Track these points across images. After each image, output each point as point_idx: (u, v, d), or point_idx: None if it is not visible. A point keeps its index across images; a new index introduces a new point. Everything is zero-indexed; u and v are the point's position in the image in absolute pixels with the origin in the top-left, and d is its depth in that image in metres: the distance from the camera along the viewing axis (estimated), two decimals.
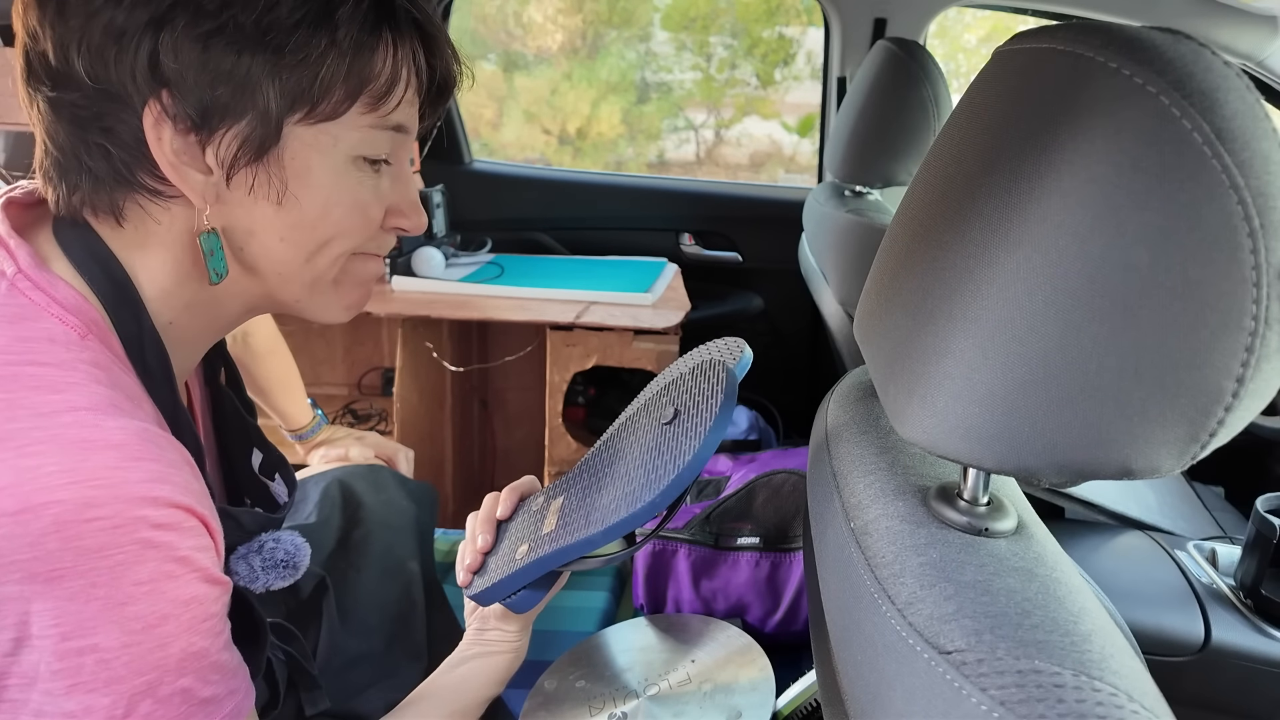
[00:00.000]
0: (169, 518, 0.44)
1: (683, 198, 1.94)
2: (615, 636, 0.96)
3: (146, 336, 0.51)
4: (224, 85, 0.47)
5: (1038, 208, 0.36)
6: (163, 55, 0.45)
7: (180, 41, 0.45)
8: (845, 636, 0.46)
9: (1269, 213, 0.33)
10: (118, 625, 0.42)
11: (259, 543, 0.61)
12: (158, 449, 0.45)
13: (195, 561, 0.46)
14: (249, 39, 0.46)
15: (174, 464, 0.46)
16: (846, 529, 0.48)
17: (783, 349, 2.00)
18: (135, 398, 0.48)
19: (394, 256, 1.68)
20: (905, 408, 0.43)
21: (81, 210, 0.50)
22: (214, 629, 0.48)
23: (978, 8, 1.80)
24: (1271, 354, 0.35)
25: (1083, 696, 0.33)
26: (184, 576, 0.45)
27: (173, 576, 0.44)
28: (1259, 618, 0.92)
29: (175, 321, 0.54)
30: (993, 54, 0.44)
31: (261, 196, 0.51)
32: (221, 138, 0.48)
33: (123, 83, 0.46)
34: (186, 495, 0.46)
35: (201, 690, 0.46)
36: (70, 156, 0.48)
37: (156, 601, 0.44)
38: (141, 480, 0.43)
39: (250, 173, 0.50)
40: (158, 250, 0.52)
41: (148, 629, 0.43)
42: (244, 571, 0.60)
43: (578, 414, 1.80)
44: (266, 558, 0.61)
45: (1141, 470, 0.37)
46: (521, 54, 2.76)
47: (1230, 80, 0.34)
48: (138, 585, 0.43)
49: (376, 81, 0.51)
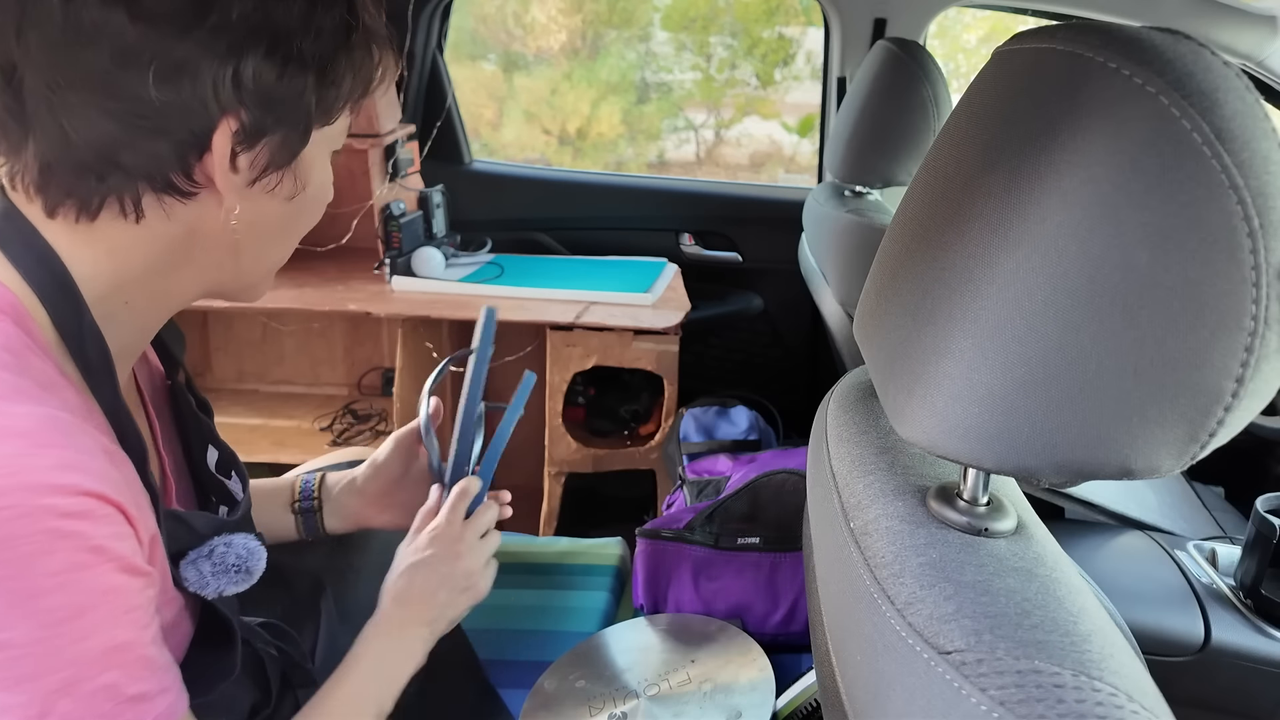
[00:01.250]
0: (79, 505, 0.43)
1: (683, 198, 1.94)
2: (615, 636, 0.96)
3: (87, 331, 0.51)
4: (285, 103, 0.52)
5: (1037, 208, 0.36)
6: (243, 77, 0.49)
7: (260, 65, 0.50)
8: (845, 637, 0.46)
9: (1269, 213, 0.33)
10: (30, 619, 0.41)
11: (209, 547, 0.59)
12: (66, 435, 0.45)
13: (112, 550, 0.45)
14: (307, 63, 0.52)
15: (85, 450, 0.45)
16: (846, 529, 0.48)
17: (783, 349, 2.00)
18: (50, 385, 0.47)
19: (394, 257, 1.68)
20: (905, 408, 0.43)
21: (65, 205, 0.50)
22: (139, 621, 0.47)
23: (978, 8, 1.80)
24: (1271, 354, 0.35)
25: (1083, 696, 0.33)
26: (99, 566, 0.44)
27: (87, 567, 0.43)
28: (1259, 618, 0.92)
29: (132, 303, 0.55)
30: (993, 54, 0.44)
31: (279, 194, 0.56)
32: (262, 146, 0.53)
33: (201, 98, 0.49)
34: (100, 482, 0.45)
35: (128, 686, 0.45)
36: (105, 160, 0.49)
37: (71, 593, 0.43)
38: (48, 467, 0.43)
39: (277, 175, 0.55)
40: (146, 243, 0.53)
41: (63, 622, 0.42)
42: (193, 577, 0.58)
43: (578, 414, 1.80)
44: (217, 562, 0.59)
45: (1141, 470, 0.37)
46: (521, 54, 2.76)
47: (1230, 80, 0.34)
48: (49, 576, 0.42)
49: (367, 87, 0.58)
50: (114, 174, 0.49)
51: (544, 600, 1.08)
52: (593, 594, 1.10)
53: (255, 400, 1.90)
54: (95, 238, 0.52)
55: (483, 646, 0.96)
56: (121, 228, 0.52)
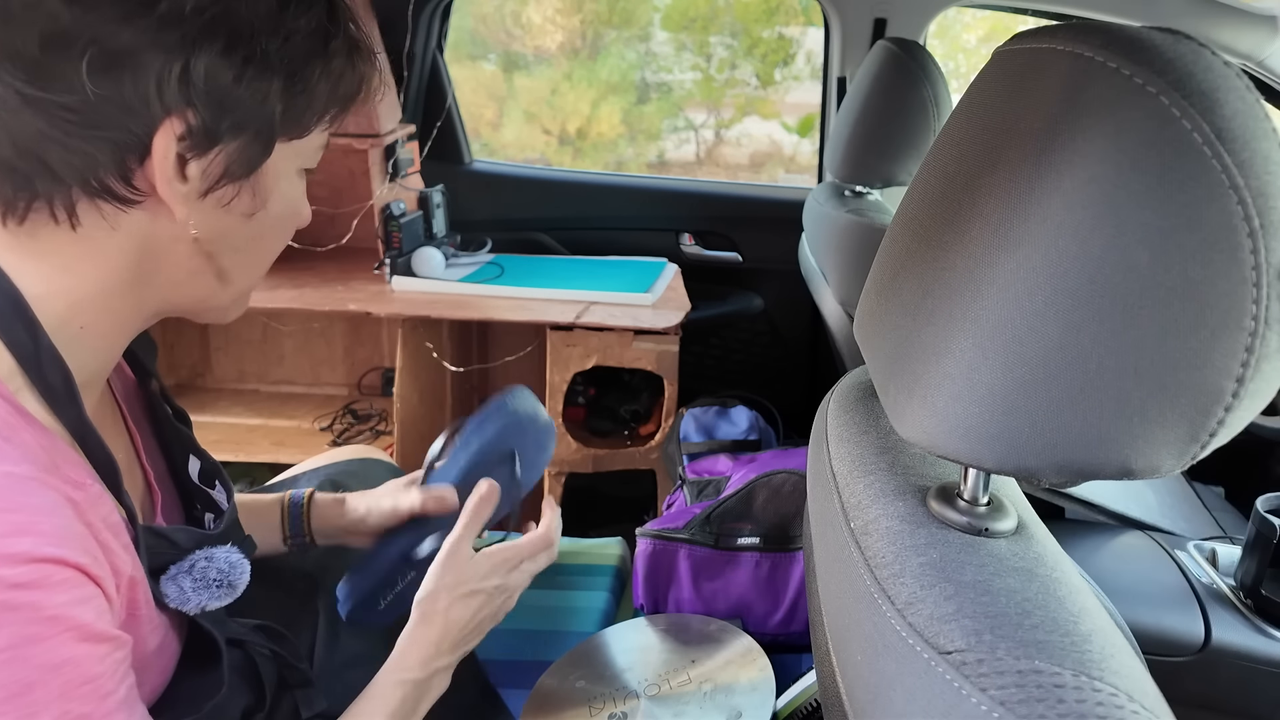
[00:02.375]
0: (32, 575, 0.41)
1: (683, 198, 1.94)
2: (615, 636, 0.96)
3: (44, 354, 0.47)
4: (244, 109, 0.48)
5: (1038, 208, 0.36)
6: (193, 75, 0.45)
7: (215, 64, 0.46)
8: (845, 636, 0.46)
9: (1269, 213, 0.33)
10: None
11: (190, 562, 0.57)
12: (21, 496, 0.42)
13: (68, 619, 0.42)
14: (272, 67, 0.48)
15: (41, 510, 0.43)
16: (846, 529, 0.47)
17: (783, 349, 2.00)
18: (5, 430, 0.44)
19: (394, 257, 1.68)
20: (905, 408, 0.43)
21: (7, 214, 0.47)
22: (99, 690, 0.44)
23: (978, 8, 1.80)
24: (1271, 354, 0.35)
25: (1083, 696, 0.33)
26: (53, 639, 0.41)
27: (39, 640, 0.41)
28: (1259, 618, 0.92)
29: (89, 326, 0.50)
30: (993, 54, 0.44)
31: (235, 209, 0.52)
32: (216, 154, 0.49)
33: (142, 95, 0.45)
34: (57, 545, 0.42)
35: None
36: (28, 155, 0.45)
37: (19, 668, 0.40)
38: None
39: (233, 188, 0.51)
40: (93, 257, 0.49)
41: (11, 698, 0.40)
42: (174, 593, 0.56)
43: (578, 414, 1.80)
44: (198, 577, 0.57)
45: (1141, 470, 0.37)
46: (521, 54, 2.76)
47: (1230, 80, 0.34)
48: None
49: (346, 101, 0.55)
50: (42, 175, 0.45)
51: (544, 600, 1.08)
52: (593, 594, 1.10)
53: (255, 400, 1.90)
54: (40, 251, 0.48)
55: (483, 646, 0.96)
56: (64, 239, 0.47)
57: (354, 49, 0.54)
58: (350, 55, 0.53)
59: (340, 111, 0.55)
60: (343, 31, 0.52)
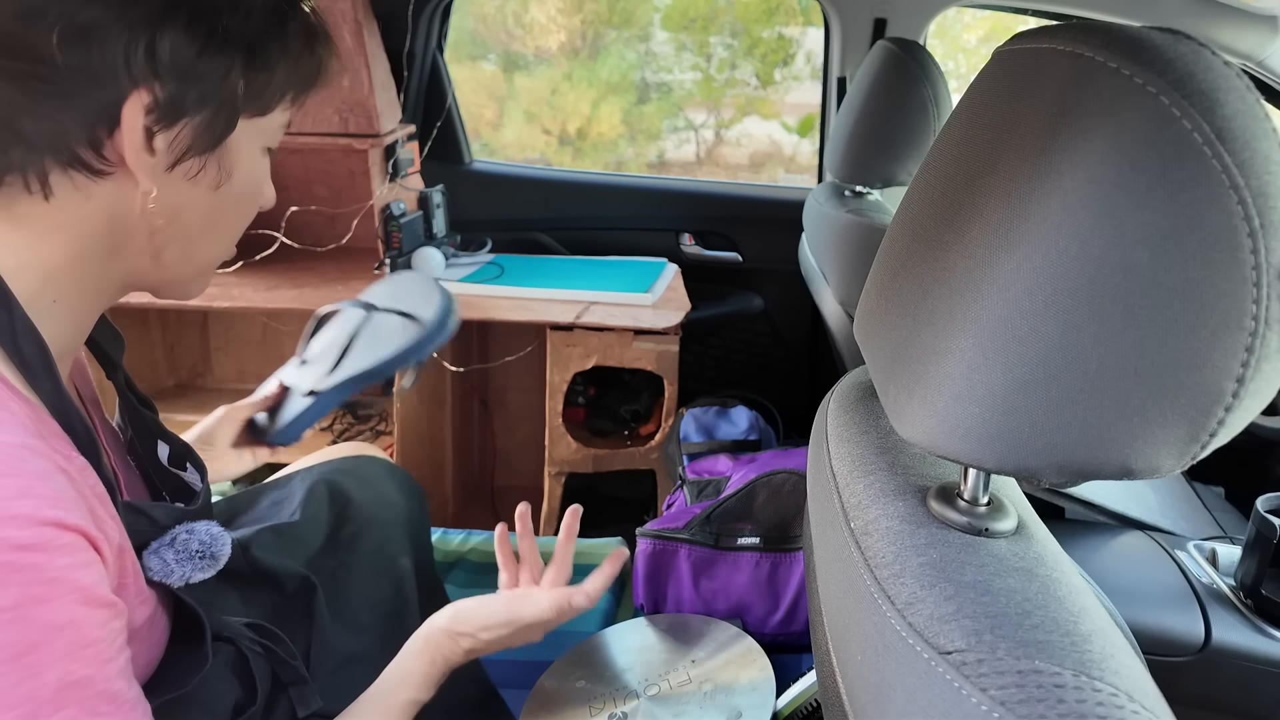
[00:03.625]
0: (36, 536, 0.42)
1: (683, 198, 1.94)
2: (615, 636, 0.96)
3: (19, 325, 0.49)
4: (206, 83, 0.50)
5: (1038, 208, 0.36)
6: (159, 49, 0.48)
7: (178, 39, 0.48)
8: (845, 637, 0.46)
9: (1269, 213, 0.33)
10: None
11: (170, 536, 0.59)
12: (19, 461, 0.43)
13: (71, 582, 0.43)
14: (232, 43, 0.51)
15: (40, 474, 0.44)
16: (846, 529, 0.47)
17: (783, 349, 2.00)
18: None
19: (394, 257, 1.68)
20: (905, 408, 0.43)
21: None
22: (100, 655, 0.45)
23: (978, 8, 1.80)
24: (1271, 354, 0.35)
25: (1083, 697, 0.33)
26: (57, 600, 0.42)
27: (42, 600, 0.42)
28: (1259, 618, 0.92)
29: (61, 300, 0.52)
30: (993, 54, 0.44)
31: (201, 182, 0.54)
32: (182, 127, 0.51)
33: (110, 67, 0.47)
34: (58, 508, 0.43)
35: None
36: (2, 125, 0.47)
37: (23, 628, 0.41)
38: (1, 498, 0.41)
39: (199, 161, 0.53)
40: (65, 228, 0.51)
41: (15, 658, 0.41)
42: (157, 566, 0.58)
43: (578, 414, 1.80)
44: (180, 550, 0.59)
45: (1141, 470, 0.37)
46: (521, 54, 2.76)
47: (1230, 80, 0.34)
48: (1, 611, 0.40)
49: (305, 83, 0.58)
50: (15, 144, 0.47)
51: None
52: None
53: None
54: (13, 222, 0.49)
55: None
56: (38, 209, 0.49)
57: (312, 33, 0.57)
58: (308, 38, 0.56)
59: (300, 93, 0.58)
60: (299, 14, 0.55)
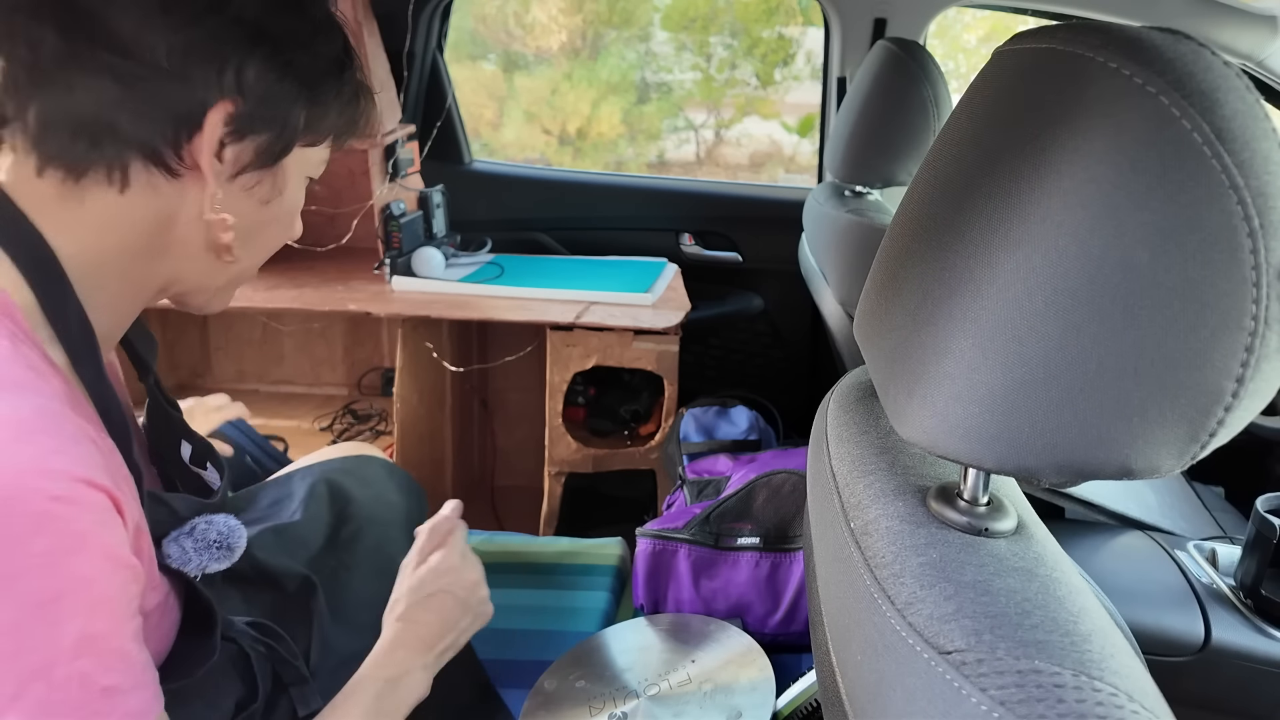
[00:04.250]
0: (68, 490, 0.44)
1: (683, 198, 1.94)
2: (615, 636, 0.96)
3: (71, 307, 0.53)
4: (276, 107, 0.56)
5: (1038, 208, 0.36)
6: (245, 71, 0.53)
7: (262, 65, 0.54)
8: (845, 636, 0.46)
9: (1269, 213, 0.33)
10: (7, 600, 0.41)
11: (190, 525, 0.61)
12: (55, 424, 0.46)
13: (96, 538, 0.45)
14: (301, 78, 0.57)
15: (73, 438, 0.46)
16: (846, 529, 0.48)
17: (783, 349, 2.00)
18: (39, 372, 0.49)
19: (394, 257, 1.68)
20: (905, 408, 0.43)
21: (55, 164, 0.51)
22: (117, 613, 0.46)
23: (978, 8, 1.80)
24: (1271, 354, 0.35)
25: (1083, 696, 0.33)
26: (82, 553, 0.44)
27: (71, 551, 0.44)
28: (1259, 618, 0.92)
29: (106, 290, 0.56)
30: (993, 54, 0.44)
31: (255, 194, 0.59)
32: (249, 143, 0.56)
33: (205, 80, 0.52)
34: (88, 468, 0.45)
35: (101, 678, 0.45)
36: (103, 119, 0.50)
37: (50, 577, 0.43)
38: (38, 453, 0.43)
39: (257, 175, 0.58)
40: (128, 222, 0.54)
41: (40, 605, 0.42)
42: (176, 554, 0.60)
43: (578, 414, 1.79)
44: (199, 539, 0.61)
45: (1141, 470, 0.37)
46: (521, 54, 2.76)
47: (1230, 80, 0.34)
48: (31, 558, 0.42)
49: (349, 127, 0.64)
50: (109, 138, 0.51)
51: (544, 600, 1.08)
52: (593, 594, 1.10)
53: (255, 400, 1.90)
54: (83, 211, 0.53)
55: (483, 646, 0.96)
56: (109, 200, 0.53)
57: (361, 87, 0.63)
58: (357, 89, 0.63)
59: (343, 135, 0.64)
60: (355, 66, 0.62)
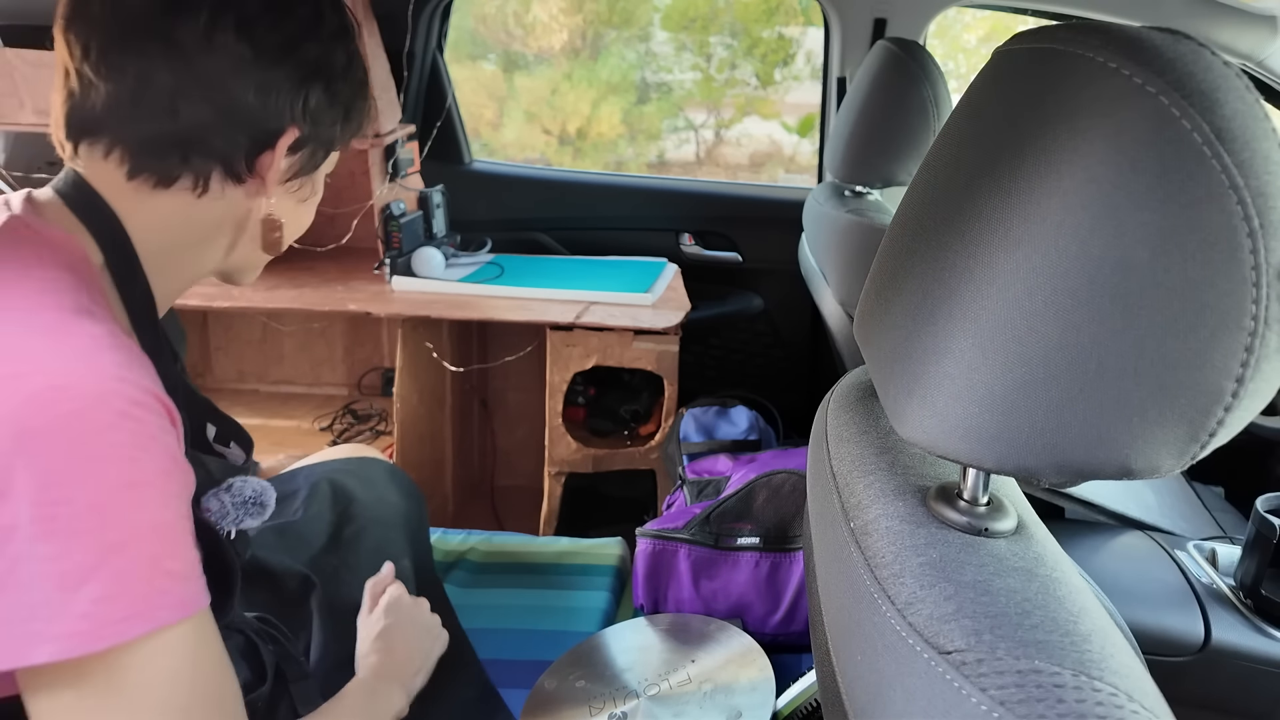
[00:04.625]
0: (142, 396, 0.49)
1: (683, 198, 1.94)
2: (615, 636, 0.96)
3: (139, 285, 0.61)
4: (325, 127, 0.66)
5: (1037, 208, 0.36)
6: (309, 101, 0.63)
7: (320, 96, 0.64)
8: (845, 636, 0.46)
9: (1269, 213, 0.33)
10: (94, 480, 0.46)
11: (226, 484, 0.66)
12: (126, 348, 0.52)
13: (164, 442, 0.50)
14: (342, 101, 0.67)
15: (141, 362, 0.52)
16: (846, 529, 0.48)
17: (783, 349, 2.00)
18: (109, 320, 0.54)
19: (394, 257, 1.68)
20: (905, 408, 0.43)
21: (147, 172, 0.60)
22: (180, 509, 0.51)
23: (978, 8, 1.80)
24: (1271, 354, 0.35)
25: (1083, 696, 0.33)
26: (155, 450, 0.49)
27: (145, 448, 0.49)
28: (1259, 618, 0.92)
29: (163, 269, 0.64)
30: (993, 54, 0.44)
31: (297, 195, 0.69)
32: (299, 156, 0.66)
33: (280, 110, 0.62)
34: (154, 384, 0.51)
35: (168, 562, 0.49)
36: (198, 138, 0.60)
37: (129, 467, 0.48)
38: (117, 363, 0.49)
39: (302, 180, 0.69)
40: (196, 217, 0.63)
41: (121, 489, 0.47)
42: (215, 507, 0.64)
43: (578, 414, 1.79)
44: (235, 495, 0.66)
45: (1141, 470, 0.37)
46: (521, 54, 2.76)
47: (1230, 80, 0.34)
48: (115, 448, 0.47)
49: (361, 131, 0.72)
50: (199, 153, 0.60)
51: (544, 600, 1.08)
52: (593, 594, 1.10)
53: (255, 400, 1.90)
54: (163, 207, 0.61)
55: (483, 646, 0.96)
56: (187, 200, 0.62)
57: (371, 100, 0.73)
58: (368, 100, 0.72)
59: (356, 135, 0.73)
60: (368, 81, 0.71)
